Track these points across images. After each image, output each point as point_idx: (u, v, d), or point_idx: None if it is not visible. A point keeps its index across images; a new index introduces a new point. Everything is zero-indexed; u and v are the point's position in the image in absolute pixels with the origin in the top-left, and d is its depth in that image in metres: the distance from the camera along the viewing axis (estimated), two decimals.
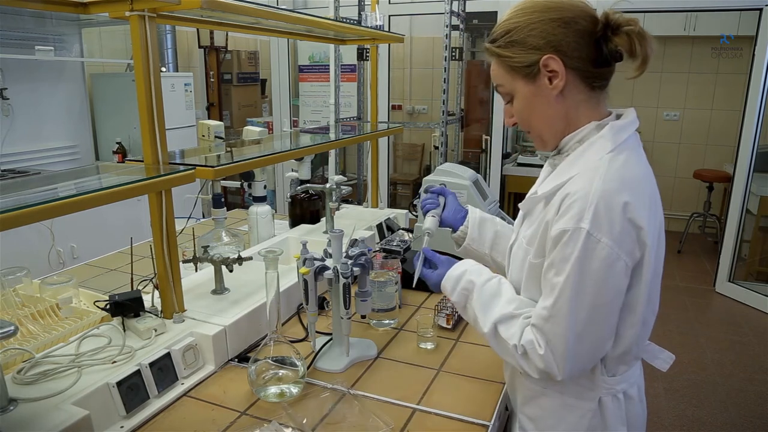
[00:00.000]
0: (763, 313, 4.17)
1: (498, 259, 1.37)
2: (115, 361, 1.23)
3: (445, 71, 4.21)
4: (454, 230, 1.41)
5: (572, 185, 0.96)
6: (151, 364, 1.23)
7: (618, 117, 1.05)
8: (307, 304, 1.37)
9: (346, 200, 2.87)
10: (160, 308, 1.45)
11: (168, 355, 1.28)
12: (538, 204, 1.07)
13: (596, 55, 0.98)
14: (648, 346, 1.14)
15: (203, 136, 2.41)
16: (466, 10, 4.70)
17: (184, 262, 1.56)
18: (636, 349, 1.06)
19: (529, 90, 1.02)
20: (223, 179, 2.39)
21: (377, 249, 2.07)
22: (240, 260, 1.58)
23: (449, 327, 1.60)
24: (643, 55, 0.96)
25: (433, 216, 1.42)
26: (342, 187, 2.14)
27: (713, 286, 4.61)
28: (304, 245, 1.39)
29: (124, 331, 1.35)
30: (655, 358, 1.15)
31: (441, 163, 2.37)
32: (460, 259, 1.25)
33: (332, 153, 5.00)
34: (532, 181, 1.18)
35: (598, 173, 0.94)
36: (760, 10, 4.02)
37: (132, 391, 1.18)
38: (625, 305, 0.98)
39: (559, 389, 1.09)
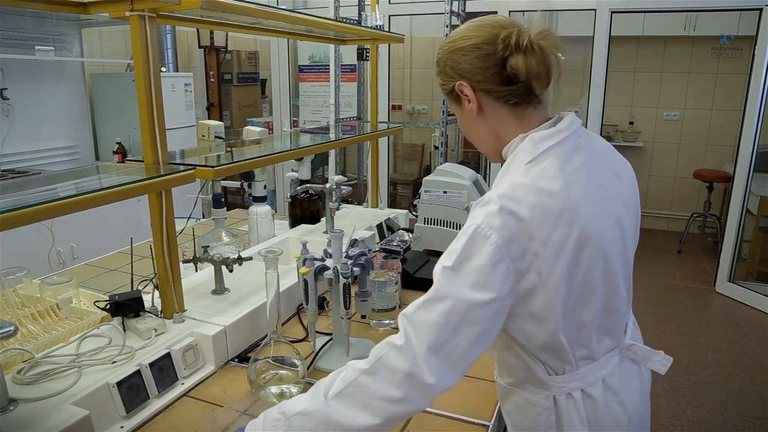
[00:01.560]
0: (764, 313, 4.17)
1: None
2: (115, 361, 1.23)
3: None
4: None
5: (486, 195, 0.97)
6: (151, 364, 1.23)
7: (556, 123, 1.04)
8: (307, 304, 1.37)
9: (346, 200, 2.88)
10: (160, 308, 1.45)
11: (168, 355, 1.28)
12: None
13: (503, 75, 1.00)
14: (635, 347, 1.11)
15: (203, 136, 2.41)
16: (466, 10, 4.70)
17: (184, 262, 1.56)
18: (578, 350, 1.02)
19: (458, 112, 1.10)
20: (223, 179, 2.39)
21: (377, 249, 2.07)
22: (240, 260, 1.58)
23: None
24: (543, 72, 0.97)
25: None
26: (342, 187, 2.14)
27: (713, 286, 4.61)
28: (304, 245, 1.39)
29: (124, 331, 1.35)
30: (649, 360, 1.12)
31: (441, 163, 2.38)
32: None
33: (332, 153, 5.00)
34: None
35: (507, 182, 0.96)
36: (760, 10, 4.02)
37: (132, 391, 1.18)
38: (531, 315, 0.96)
39: (519, 385, 1.10)
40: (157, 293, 1.47)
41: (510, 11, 4.72)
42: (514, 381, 1.11)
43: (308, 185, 2.23)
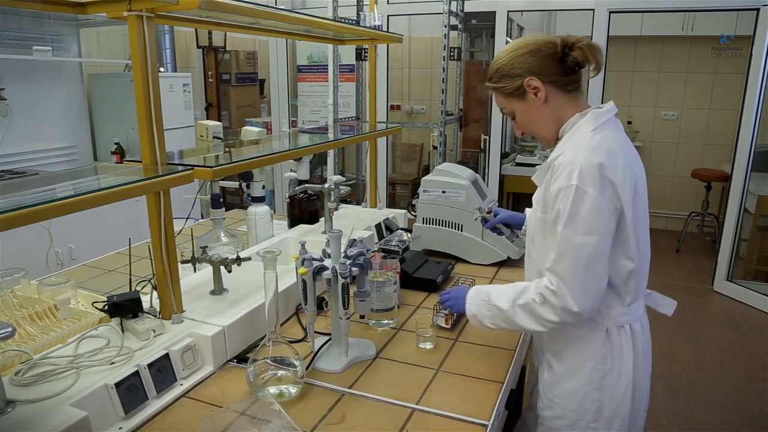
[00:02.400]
0: (762, 311, 4.17)
1: None
2: (113, 362, 1.23)
3: (443, 71, 4.21)
4: (517, 228, 1.87)
5: (562, 157, 1.26)
6: (150, 365, 1.23)
7: (598, 108, 1.34)
8: (305, 305, 1.37)
9: (344, 200, 2.87)
10: (158, 309, 1.45)
11: (167, 356, 1.28)
12: (545, 175, 1.33)
13: (563, 68, 1.31)
14: (651, 294, 1.48)
15: (202, 136, 2.40)
16: (465, 10, 4.70)
17: (183, 262, 1.56)
18: (633, 288, 1.32)
19: (523, 106, 1.36)
20: (222, 179, 2.39)
21: (376, 249, 2.07)
22: (239, 261, 1.58)
23: (448, 327, 1.60)
24: (595, 62, 1.28)
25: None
26: (341, 187, 2.14)
27: (711, 285, 4.61)
28: (303, 245, 1.39)
29: (123, 332, 1.35)
30: (660, 305, 1.50)
31: (440, 163, 2.38)
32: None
33: (331, 153, 5.00)
34: (530, 180, 1.41)
35: (582, 146, 1.25)
36: (758, 10, 4.02)
37: (130, 392, 1.18)
38: (618, 243, 1.26)
39: (575, 325, 1.32)
40: (155, 294, 1.47)
41: (509, 11, 4.72)
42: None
43: (307, 185, 2.22)
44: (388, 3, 4.91)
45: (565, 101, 1.33)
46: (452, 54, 4.55)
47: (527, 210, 1.67)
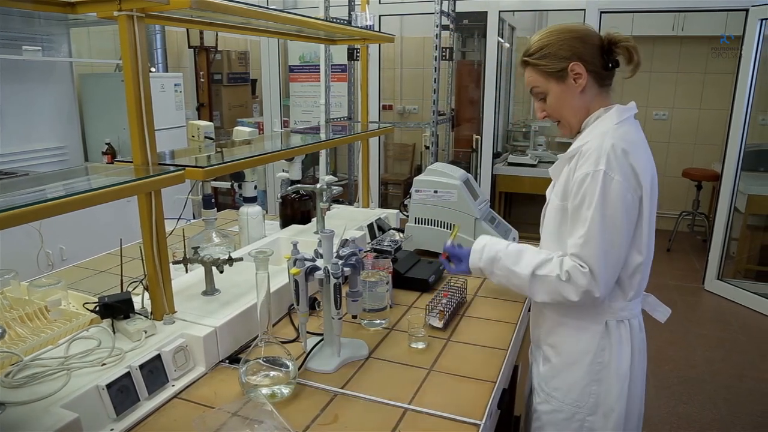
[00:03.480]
0: (752, 310, 4.20)
1: None
2: (104, 364, 1.22)
3: (435, 71, 4.22)
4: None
5: (587, 145, 1.30)
6: (141, 366, 1.23)
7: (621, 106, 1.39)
8: (298, 305, 1.37)
9: (337, 200, 2.87)
10: (150, 310, 1.44)
11: (158, 357, 1.28)
12: (564, 166, 1.38)
13: (603, 62, 1.34)
14: (648, 298, 1.47)
15: (193, 136, 2.40)
16: (456, 11, 4.71)
17: (174, 263, 1.56)
18: (636, 283, 1.35)
19: (560, 88, 1.36)
20: (214, 180, 2.38)
21: (368, 249, 2.07)
22: (230, 261, 1.57)
23: (440, 326, 1.61)
24: (636, 62, 1.33)
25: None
26: (333, 187, 2.14)
27: (702, 284, 4.65)
28: (295, 246, 1.39)
29: (114, 333, 1.34)
30: (655, 310, 1.49)
31: (432, 163, 2.38)
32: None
33: (323, 153, 4.99)
34: (522, 180, 1.44)
35: (608, 135, 1.29)
36: (747, 10, 4.05)
37: (122, 393, 1.17)
38: (636, 241, 1.30)
39: (575, 316, 1.39)
40: (146, 295, 1.46)
41: (500, 11, 4.73)
42: (571, 310, 1.39)
43: (299, 185, 2.22)
44: (379, 3, 4.91)
45: (597, 94, 1.37)
46: (444, 54, 4.56)
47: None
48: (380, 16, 4.89)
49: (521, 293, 1.45)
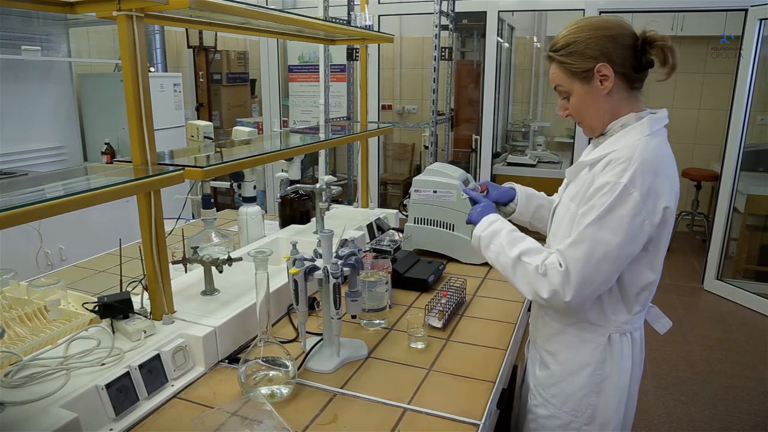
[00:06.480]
0: (751, 310, 4.21)
1: (537, 225, 1.63)
2: (103, 364, 1.22)
3: (434, 71, 4.22)
4: (503, 204, 1.65)
5: (616, 154, 1.22)
6: (141, 366, 1.23)
7: (652, 113, 1.31)
8: (297, 305, 1.37)
9: (336, 200, 2.87)
10: (149, 310, 1.44)
11: (157, 357, 1.28)
12: (583, 169, 1.33)
13: (635, 63, 1.24)
14: (651, 309, 1.44)
15: (192, 136, 2.40)
16: (456, 11, 4.71)
17: (174, 263, 1.56)
18: (643, 299, 1.33)
19: (584, 90, 1.27)
20: (213, 180, 2.38)
21: (367, 249, 2.07)
22: (230, 261, 1.57)
23: (440, 326, 1.61)
24: (672, 63, 1.22)
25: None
26: (332, 187, 2.14)
27: (701, 284, 4.65)
28: (294, 246, 1.39)
29: (113, 333, 1.34)
30: (656, 321, 1.46)
31: (431, 163, 2.38)
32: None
33: (322, 153, 5.00)
34: (522, 180, 1.38)
35: (639, 147, 1.21)
36: (746, 11, 4.06)
37: (121, 393, 1.17)
38: (648, 253, 1.26)
39: (578, 327, 1.35)
40: (146, 294, 1.46)
41: (499, 11, 4.73)
42: (573, 321, 1.36)
43: (298, 185, 2.22)
44: (379, 3, 4.92)
45: (625, 97, 1.28)
46: (443, 54, 4.56)
47: (515, 185, 1.67)
48: (379, 16, 4.89)
49: (505, 276, 1.35)
